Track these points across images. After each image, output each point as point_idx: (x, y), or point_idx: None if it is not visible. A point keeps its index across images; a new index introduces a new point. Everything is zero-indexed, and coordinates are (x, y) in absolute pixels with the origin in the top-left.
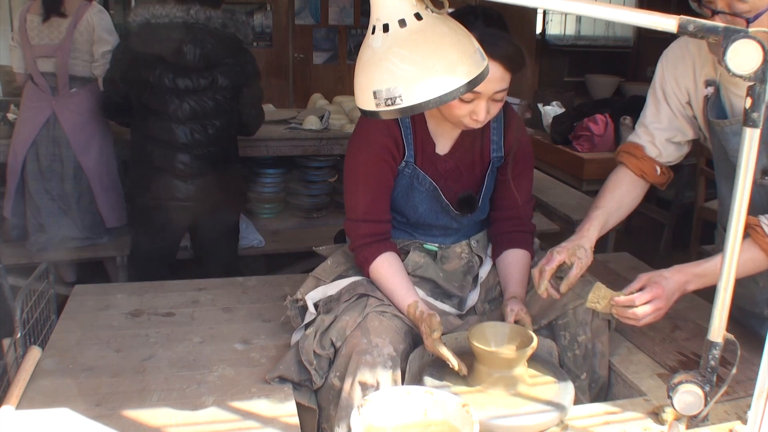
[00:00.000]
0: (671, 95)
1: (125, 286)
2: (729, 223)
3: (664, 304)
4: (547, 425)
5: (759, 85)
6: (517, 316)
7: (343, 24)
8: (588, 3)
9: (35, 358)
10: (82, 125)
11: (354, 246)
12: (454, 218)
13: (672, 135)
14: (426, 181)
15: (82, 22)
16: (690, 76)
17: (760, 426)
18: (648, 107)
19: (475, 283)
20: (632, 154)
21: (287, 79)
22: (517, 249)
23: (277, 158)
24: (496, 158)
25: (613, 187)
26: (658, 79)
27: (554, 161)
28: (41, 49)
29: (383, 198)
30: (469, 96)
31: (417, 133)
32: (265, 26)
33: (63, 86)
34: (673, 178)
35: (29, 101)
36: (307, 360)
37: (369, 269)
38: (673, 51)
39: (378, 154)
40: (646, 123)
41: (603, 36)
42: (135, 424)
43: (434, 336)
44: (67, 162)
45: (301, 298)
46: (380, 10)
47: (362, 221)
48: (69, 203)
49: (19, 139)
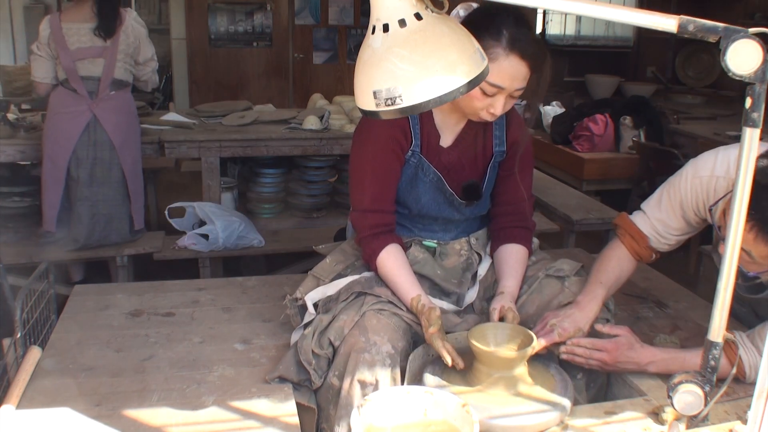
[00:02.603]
0: (689, 211)
1: (125, 286)
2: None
3: (607, 361)
4: (547, 425)
5: (759, 85)
6: (501, 313)
7: (343, 24)
8: (588, 3)
9: (35, 358)
10: (122, 126)
11: (361, 237)
12: (456, 209)
13: (682, 234)
14: (430, 171)
15: (126, 26)
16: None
17: (760, 426)
18: (662, 204)
19: (474, 281)
20: (634, 239)
21: (287, 79)
22: (514, 244)
23: (277, 158)
24: (499, 152)
25: (615, 265)
26: (681, 195)
27: (554, 161)
28: (84, 52)
29: (390, 188)
30: (492, 90)
31: (423, 124)
32: (265, 26)
33: (104, 89)
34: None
35: (63, 107)
36: (306, 360)
37: (376, 262)
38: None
39: (386, 144)
40: (655, 217)
41: (603, 36)
42: (135, 424)
43: (431, 330)
44: (109, 165)
45: (300, 297)
46: (380, 10)
47: (369, 211)
48: (111, 208)
49: (56, 147)
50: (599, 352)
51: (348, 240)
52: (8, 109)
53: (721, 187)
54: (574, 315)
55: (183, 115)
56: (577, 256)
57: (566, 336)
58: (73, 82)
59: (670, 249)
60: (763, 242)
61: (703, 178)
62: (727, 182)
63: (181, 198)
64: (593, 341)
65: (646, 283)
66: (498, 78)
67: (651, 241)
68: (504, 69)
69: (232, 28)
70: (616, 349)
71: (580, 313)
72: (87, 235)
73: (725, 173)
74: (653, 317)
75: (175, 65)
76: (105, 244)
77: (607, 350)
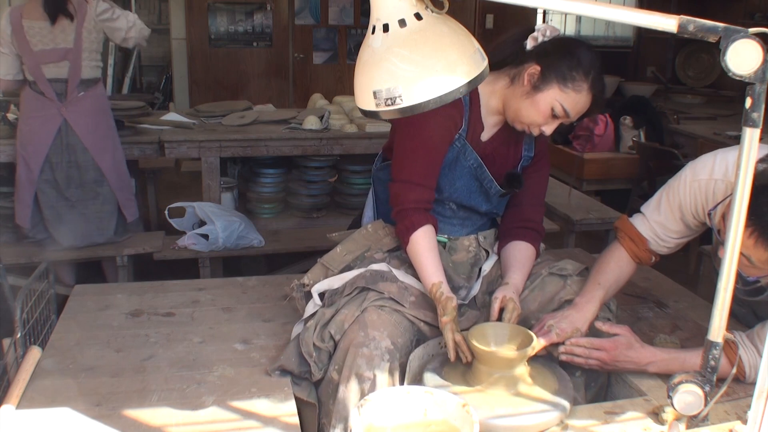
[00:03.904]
0: (687, 214)
1: (125, 286)
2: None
3: (607, 360)
4: (547, 425)
5: (759, 85)
6: (502, 303)
7: (343, 24)
8: (588, 3)
9: (35, 358)
10: (95, 127)
11: (401, 209)
12: (486, 199)
13: (681, 237)
14: (472, 157)
15: (88, 21)
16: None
17: (760, 426)
18: (662, 207)
19: (478, 276)
20: (634, 242)
21: (287, 79)
22: (523, 241)
23: (277, 158)
24: (526, 157)
25: (613, 267)
26: (680, 198)
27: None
28: (48, 55)
29: (437, 165)
30: (561, 113)
31: (472, 113)
32: (265, 26)
33: (72, 91)
34: None
35: (34, 111)
36: (307, 352)
37: (410, 237)
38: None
39: (443, 121)
40: (654, 220)
41: (603, 36)
42: (135, 424)
43: (444, 319)
44: (85, 167)
45: (307, 284)
46: (380, 10)
47: (416, 184)
48: (93, 208)
49: (30, 150)
50: (598, 352)
51: (360, 229)
52: (8, 109)
53: (720, 190)
54: (572, 316)
55: (183, 115)
56: (578, 256)
57: (564, 336)
58: (41, 84)
59: (669, 252)
60: (763, 247)
61: (702, 181)
62: (725, 185)
63: (181, 198)
64: (592, 340)
65: (646, 283)
66: (573, 107)
67: (650, 244)
68: (581, 103)
69: (232, 28)
70: (615, 348)
71: (577, 314)
72: (72, 236)
73: (723, 176)
74: (653, 317)
75: (175, 65)
76: (94, 244)
77: (605, 349)
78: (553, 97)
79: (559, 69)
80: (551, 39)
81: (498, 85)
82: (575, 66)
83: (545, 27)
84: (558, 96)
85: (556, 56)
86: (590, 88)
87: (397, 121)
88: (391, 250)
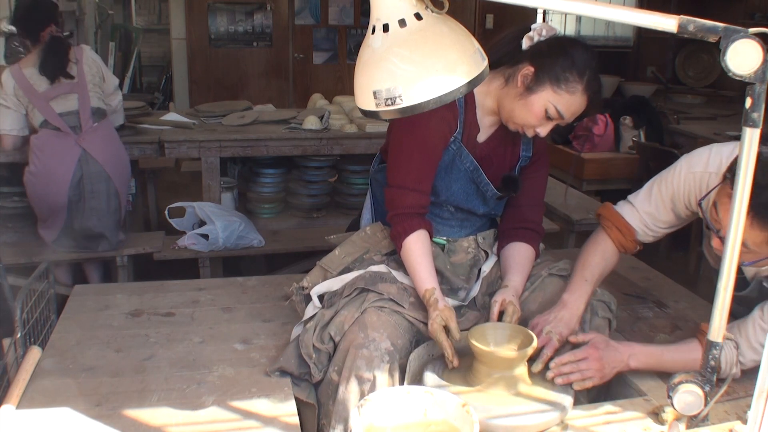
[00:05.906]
0: (679, 204)
1: (125, 286)
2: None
3: (597, 367)
4: (547, 425)
5: (759, 85)
6: (501, 306)
7: (343, 24)
8: (588, 3)
9: (35, 358)
10: (112, 153)
11: (395, 213)
12: (484, 201)
13: (669, 227)
14: (468, 160)
15: (85, 60)
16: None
17: (760, 426)
18: (653, 198)
19: (478, 277)
20: (621, 232)
21: (287, 79)
22: (522, 243)
23: (277, 158)
24: (524, 157)
25: (599, 260)
26: (674, 189)
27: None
28: (56, 89)
29: (432, 170)
30: (555, 115)
31: (467, 115)
32: (265, 26)
33: (86, 120)
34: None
35: (50, 149)
36: (307, 354)
37: (404, 242)
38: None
39: (437, 125)
40: (644, 210)
41: (603, 36)
42: (135, 424)
43: (438, 321)
44: (108, 196)
45: (306, 287)
46: (380, 10)
47: (411, 190)
48: (104, 226)
49: (50, 193)
50: (585, 361)
51: (359, 232)
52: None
53: (713, 183)
54: (564, 316)
55: (183, 115)
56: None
57: (563, 341)
58: (53, 120)
59: (654, 241)
60: (759, 228)
61: (697, 173)
62: (719, 178)
63: (181, 198)
64: (574, 353)
65: (646, 283)
66: (567, 109)
67: (638, 234)
68: (575, 104)
69: (232, 28)
70: (597, 350)
71: (568, 313)
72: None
73: (717, 169)
74: (653, 317)
75: (175, 65)
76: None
77: (590, 356)
78: (546, 98)
79: (552, 70)
80: (547, 39)
81: (493, 85)
82: (569, 67)
83: (541, 26)
84: (551, 98)
85: (550, 57)
86: (585, 89)
87: (391, 123)
88: (389, 252)
